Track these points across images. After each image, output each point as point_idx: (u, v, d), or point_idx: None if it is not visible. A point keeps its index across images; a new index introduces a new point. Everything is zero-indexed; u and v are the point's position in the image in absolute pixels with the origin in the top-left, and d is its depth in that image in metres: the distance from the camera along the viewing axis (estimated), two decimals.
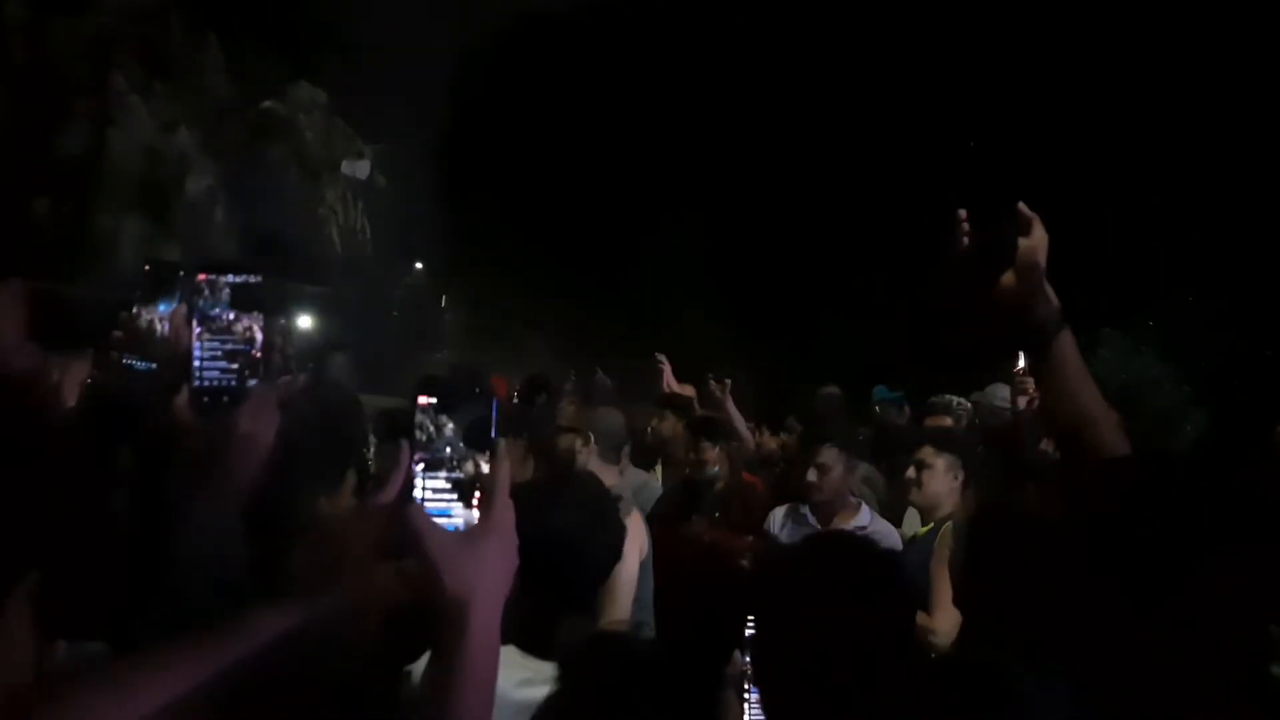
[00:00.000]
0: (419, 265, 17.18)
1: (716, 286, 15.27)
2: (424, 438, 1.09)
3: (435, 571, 1.01)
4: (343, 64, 12.33)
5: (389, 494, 1.12)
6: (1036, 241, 1.51)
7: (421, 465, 1.09)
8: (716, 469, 4.25)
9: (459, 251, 15.48)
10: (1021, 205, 1.51)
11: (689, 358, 5.49)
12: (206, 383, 1.32)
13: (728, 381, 4.91)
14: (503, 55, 14.74)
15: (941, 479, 3.52)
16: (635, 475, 4.41)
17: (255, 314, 1.32)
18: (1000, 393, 6.22)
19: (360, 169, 12.51)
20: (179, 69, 11.73)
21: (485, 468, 1.09)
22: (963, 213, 1.53)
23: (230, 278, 1.32)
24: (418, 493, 1.08)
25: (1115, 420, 1.50)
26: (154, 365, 2.03)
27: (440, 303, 17.66)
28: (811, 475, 3.66)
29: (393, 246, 13.69)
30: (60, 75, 10.38)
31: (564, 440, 3.67)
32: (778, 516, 3.81)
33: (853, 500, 3.58)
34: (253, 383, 1.32)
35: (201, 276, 1.31)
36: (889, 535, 3.43)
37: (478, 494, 1.08)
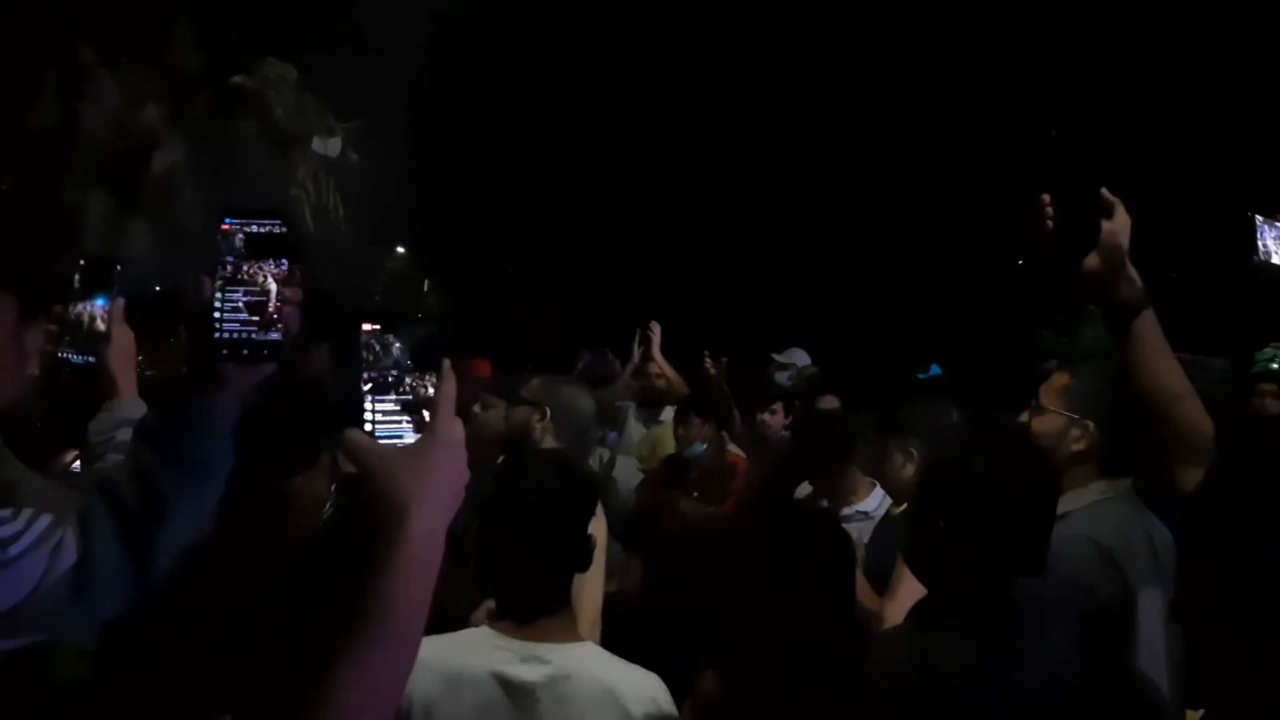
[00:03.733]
0: (400, 249, 17.08)
1: (712, 265, 15.26)
2: (370, 357, 1.11)
3: (374, 479, 1.04)
4: (313, 40, 12.17)
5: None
6: (1120, 224, 1.58)
7: (369, 386, 1.12)
8: (703, 446, 4.26)
9: (439, 231, 15.37)
10: (1104, 190, 1.57)
11: (688, 337, 5.49)
12: (227, 335, 1.28)
13: (724, 361, 4.92)
14: (478, 31, 14.58)
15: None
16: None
17: (278, 263, 1.29)
18: (797, 355, 6.39)
19: (331, 146, 12.34)
20: (147, 43, 11.51)
21: (432, 389, 1.13)
22: (1046, 197, 1.60)
23: (253, 226, 1.29)
24: (367, 416, 1.12)
25: (1195, 397, 1.56)
26: (90, 359, 1.99)
27: (423, 286, 17.57)
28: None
29: (368, 226, 13.58)
30: (26, 47, 10.16)
31: (519, 413, 3.59)
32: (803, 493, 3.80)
33: (864, 480, 3.56)
34: (273, 335, 1.29)
35: (224, 226, 1.28)
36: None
37: (427, 415, 1.12)
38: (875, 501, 3.53)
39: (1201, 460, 1.54)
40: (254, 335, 1.28)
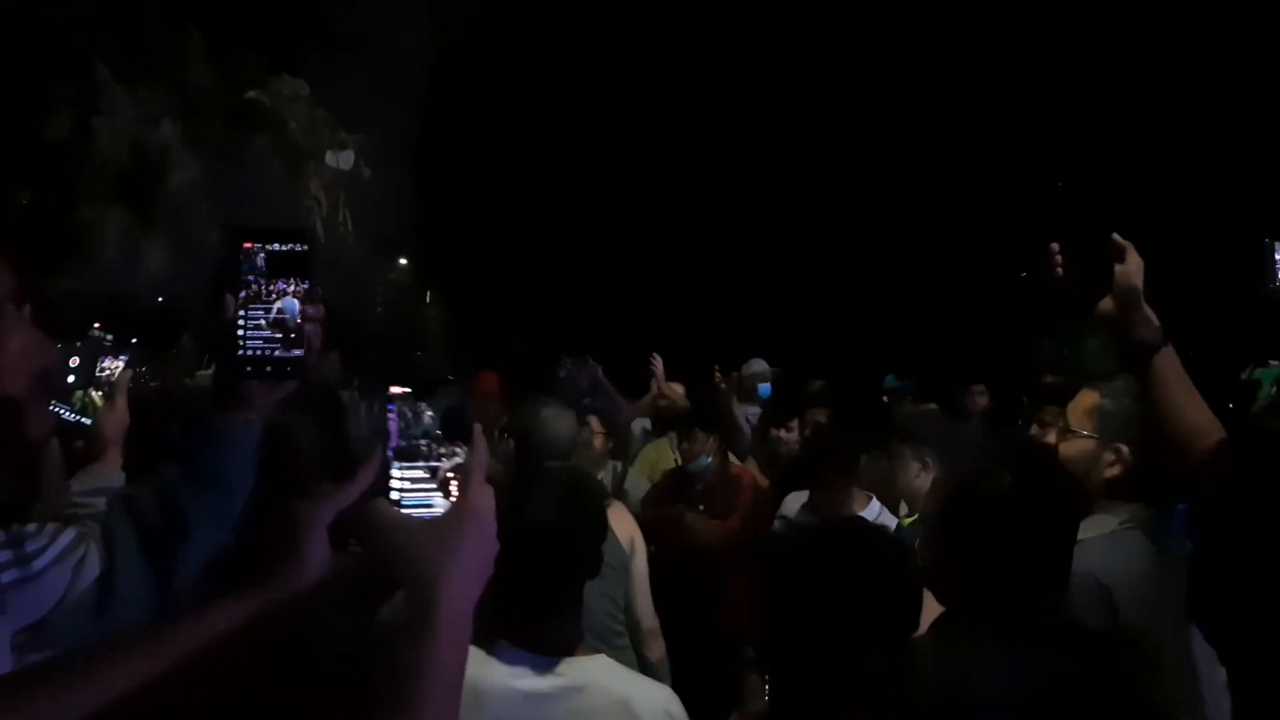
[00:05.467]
0: (403, 261, 17.11)
1: (717, 277, 15.23)
2: (402, 424, 1.10)
3: (403, 558, 1.01)
4: (318, 59, 12.26)
5: (358, 486, 1.12)
6: (1132, 266, 1.61)
7: (396, 454, 1.09)
8: (709, 460, 4.25)
9: (444, 243, 15.38)
10: (1115, 235, 1.62)
11: (692, 349, 5.49)
12: (250, 352, 1.30)
13: (734, 376, 4.88)
14: (486, 45, 14.62)
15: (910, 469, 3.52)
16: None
17: (299, 282, 1.31)
18: (756, 366, 6.37)
19: (344, 159, 12.42)
20: (161, 60, 11.62)
21: (462, 457, 1.09)
22: (1055, 245, 1.65)
23: (275, 246, 1.30)
24: (395, 484, 1.08)
25: (1222, 431, 1.53)
26: (81, 419, 2.00)
27: (425, 298, 17.59)
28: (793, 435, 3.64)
29: (377, 239, 13.62)
30: (41, 64, 10.26)
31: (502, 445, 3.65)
32: (791, 506, 3.81)
33: (860, 493, 3.57)
34: (295, 353, 1.30)
35: (247, 245, 1.29)
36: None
37: (456, 483, 1.08)
38: (874, 512, 3.54)
39: None
40: (277, 353, 1.29)
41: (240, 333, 1.28)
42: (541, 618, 1.96)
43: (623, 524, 3.35)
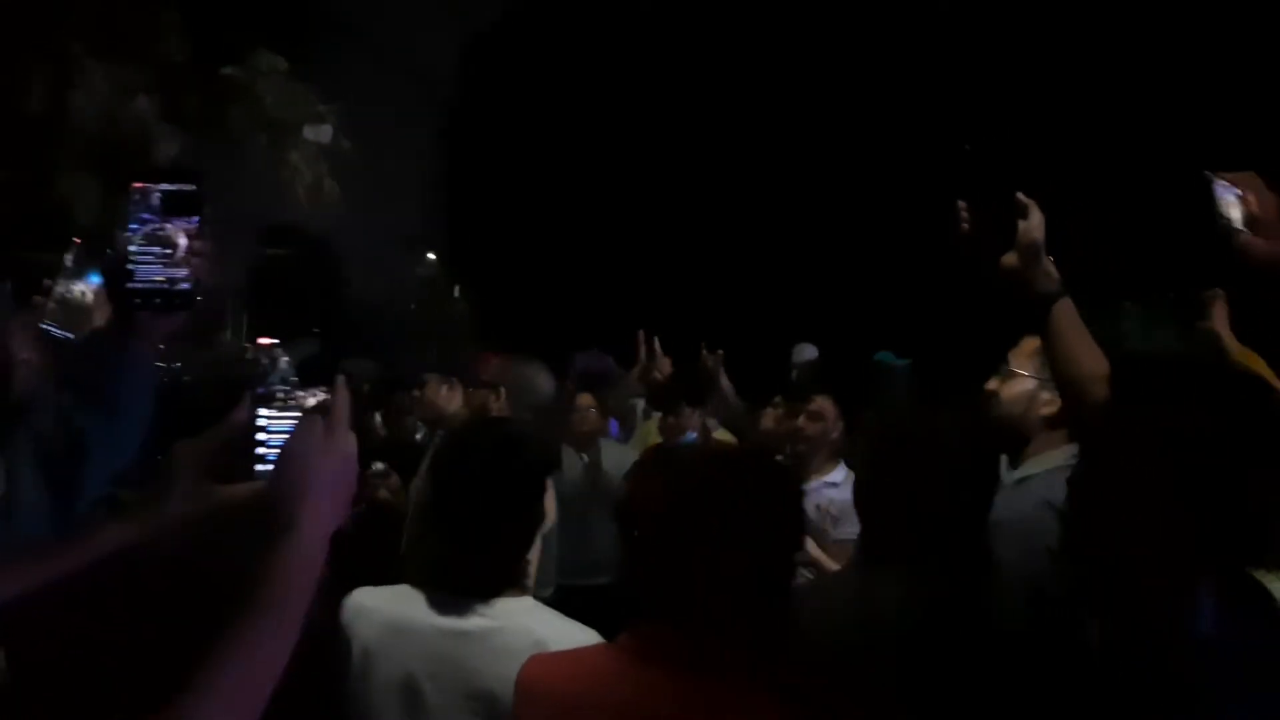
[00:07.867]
0: (431, 255, 17.08)
1: (722, 261, 15.24)
2: (259, 371, 1.17)
3: (269, 484, 1.12)
4: (339, 51, 12.14)
5: (226, 428, 1.22)
6: (1034, 223, 1.72)
7: (258, 398, 1.20)
8: (693, 434, 4.26)
9: (472, 237, 15.38)
10: (1019, 194, 1.74)
11: (695, 333, 5.44)
12: (140, 285, 1.38)
13: (720, 353, 4.89)
14: (495, 42, 14.51)
15: None
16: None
17: (189, 220, 1.39)
18: (808, 353, 6.41)
19: (323, 133, 12.26)
20: (136, 34, 11.45)
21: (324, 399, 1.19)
22: (962, 202, 1.76)
23: (165, 186, 1.39)
24: (260, 423, 1.20)
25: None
26: (72, 336, 2.05)
27: (454, 293, 17.57)
28: (801, 421, 3.66)
29: (400, 235, 13.48)
30: (18, 39, 10.10)
31: (478, 395, 3.70)
32: None
33: (829, 460, 3.58)
34: (183, 286, 1.39)
35: (137, 185, 1.38)
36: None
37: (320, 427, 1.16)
38: (841, 474, 3.57)
39: None
40: (166, 285, 1.39)
41: (131, 266, 1.38)
42: (463, 559, 2.01)
43: None
